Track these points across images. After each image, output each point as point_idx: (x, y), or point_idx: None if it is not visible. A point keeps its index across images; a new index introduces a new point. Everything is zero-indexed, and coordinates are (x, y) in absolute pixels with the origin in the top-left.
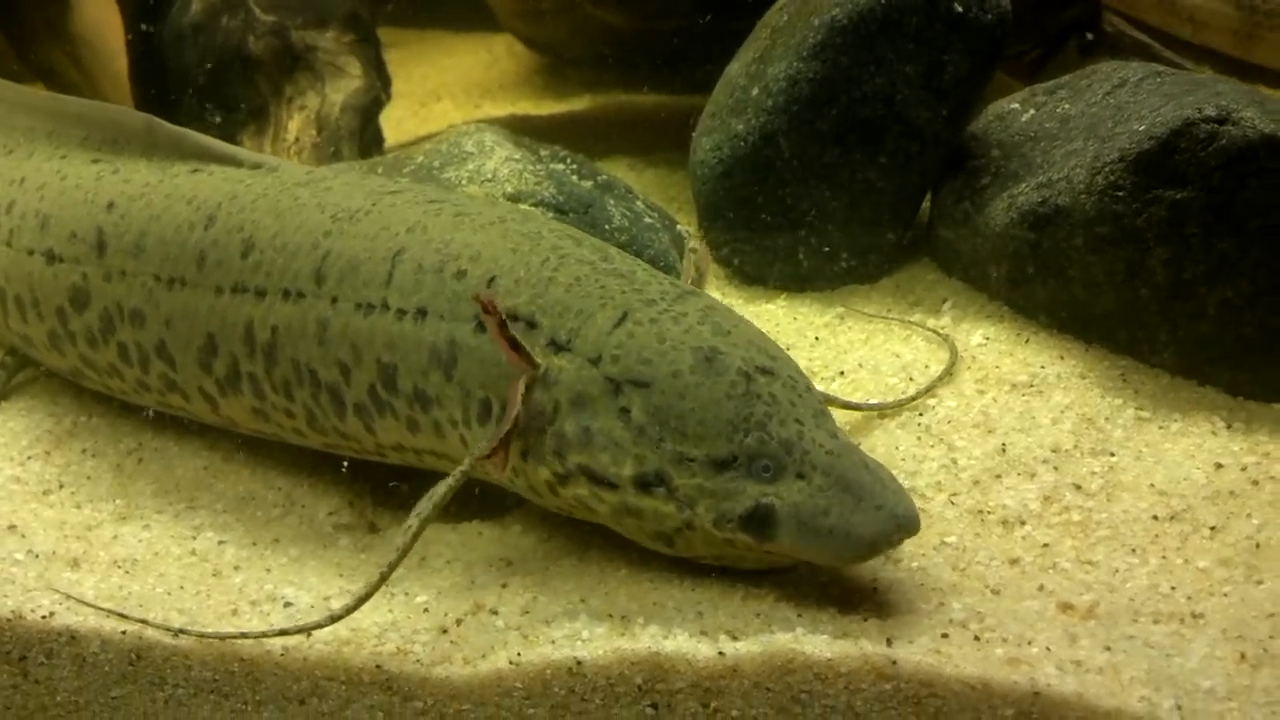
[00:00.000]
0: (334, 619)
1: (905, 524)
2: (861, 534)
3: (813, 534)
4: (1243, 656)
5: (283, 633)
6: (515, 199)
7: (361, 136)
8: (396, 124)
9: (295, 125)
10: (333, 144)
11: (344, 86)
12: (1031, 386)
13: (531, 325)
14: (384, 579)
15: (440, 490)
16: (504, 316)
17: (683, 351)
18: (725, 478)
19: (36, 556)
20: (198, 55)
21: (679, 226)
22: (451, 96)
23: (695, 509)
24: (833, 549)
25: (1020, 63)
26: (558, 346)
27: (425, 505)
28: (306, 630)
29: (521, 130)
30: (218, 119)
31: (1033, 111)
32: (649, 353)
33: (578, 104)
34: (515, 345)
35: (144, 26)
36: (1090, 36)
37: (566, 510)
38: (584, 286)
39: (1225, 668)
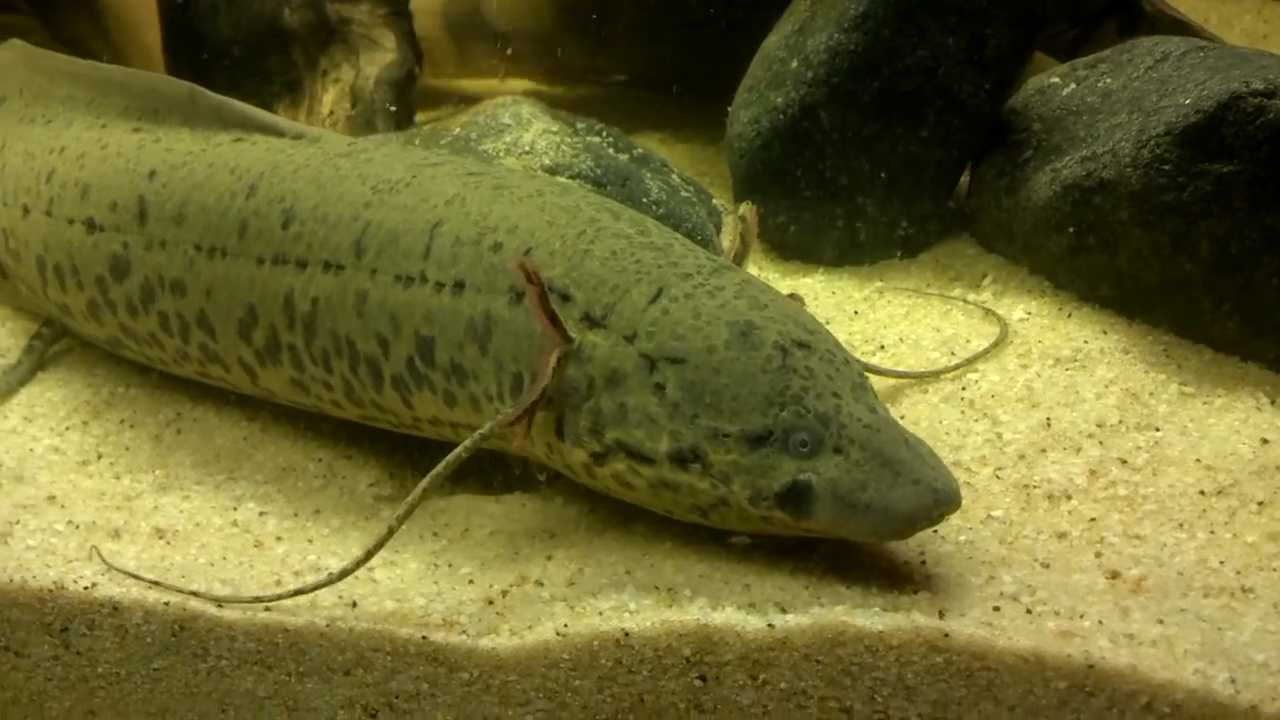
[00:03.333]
0: (340, 576)
1: (945, 499)
2: (900, 509)
3: (850, 510)
4: None
5: (298, 592)
6: (553, 171)
7: (395, 109)
8: (422, 96)
9: (330, 98)
10: (367, 117)
11: (378, 59)
12: (1075, 361)
13: (566, 298)
14: (390, 534)
15: (452, 455)
16: (545, 284)
17: (718, 326)
18: (761, 453)
19: (77, 527)
20: (232, 27)
21: (714, 200)
22: None
23: (731, 485)
24: (871, 525)
25: (1058, 41)
26: (592, 321)
27: (438, 468)
28: (309, 591)
29: (549, 105)
30: (252, 91)
31: (1073, 86)
32: (683, 328)
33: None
34: (553, 317)
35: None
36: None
37: (603, 490)
38: (620, 260)
39: (1278, 641)
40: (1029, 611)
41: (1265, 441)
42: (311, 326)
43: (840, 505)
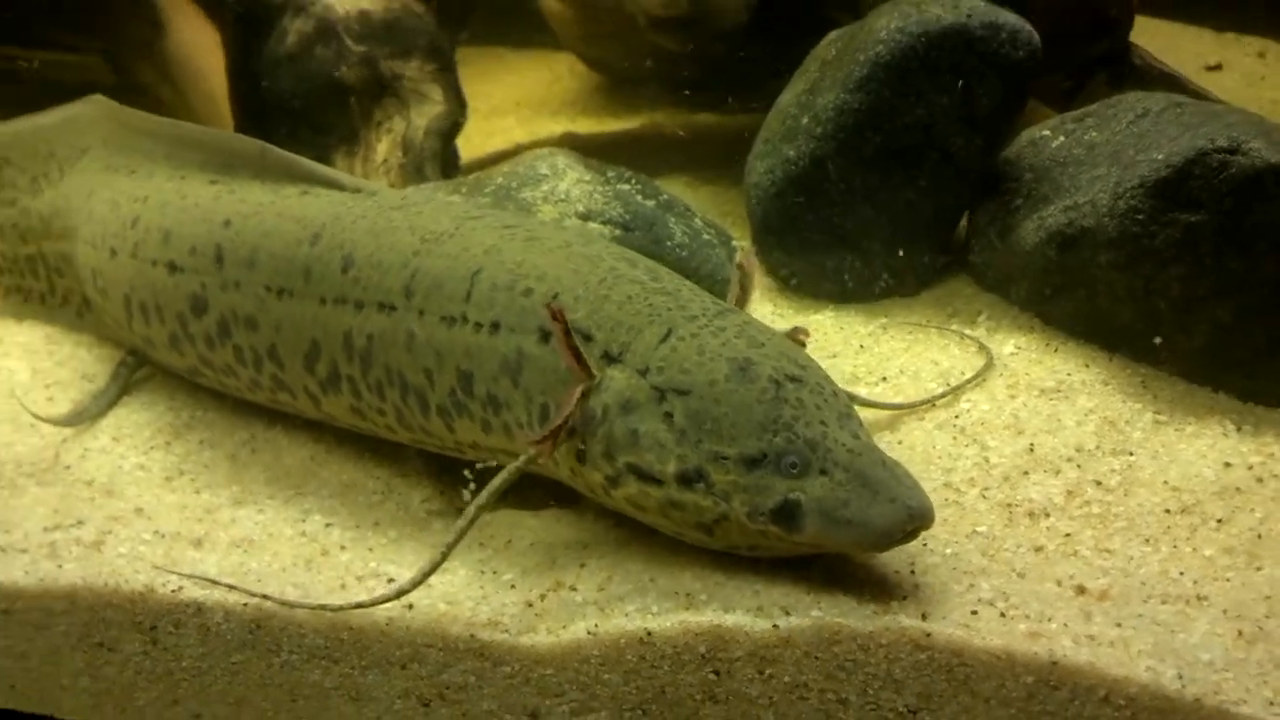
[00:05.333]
0: (401, 593)
1: (918, 515)
2: (877, 524)
3: (834, 524)
4: (1240, 633)
5: (358, 605)
6: (585, 217)
7: (442, 157)
8: (465, 139)
9: (383, 148)
10: (417, 164)
11: (427, 112)
12: (1058, 392)
13: (588, 338)
14: (444, 557)
15: (496, 481)
16: (569, 324)
17: (719, 362)
18: (756, 474)
19: (163, 537)
20: (294, 82)
21: (734, 242)
22: (516, 113)
23: (731, 502)
24: (853, 538)
25: (1054, 92)
26: (610, 358)
27: (483, 495)
28: (376, 604)
29: (582, 148)
30: (311, 141)
31: (1062, 138)
32: (689, 364)
33: (635, 122)
34: (577, 354)
35: (244, 56)
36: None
37: (619, 509)
38: (635, 304)
39: (1224, 643)
40: (1003, 615)
41: (1228, 465)
42: (367, 360)
43: (825, 520)
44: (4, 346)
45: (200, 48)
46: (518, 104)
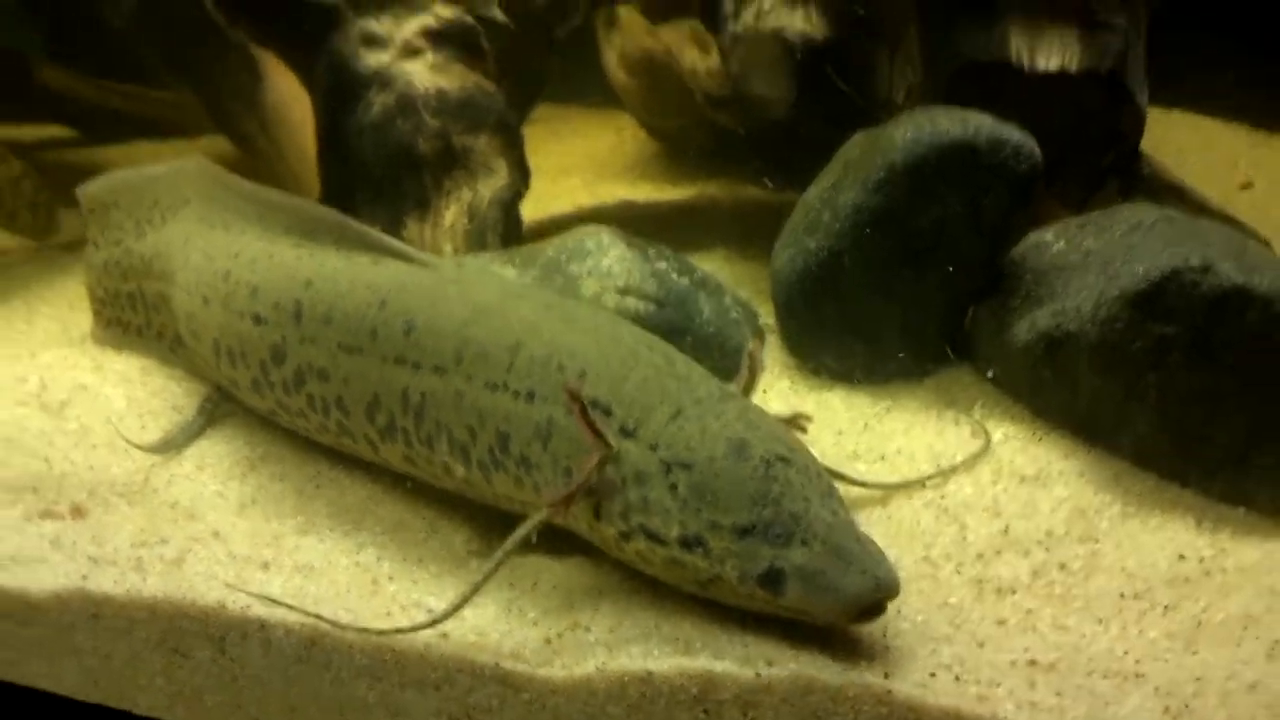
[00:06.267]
0: (434, 622)
1: (885, 585)
2: (849, 592)
3: (811, 590)
4: (1167, 709)
5: (398, 630)
6: (624, 291)
7: (504, 224)
8: (533, 198)
9: (451, 214)
10: (480, 231)
11: (492, 183)
12: (1037, 479)
13: (608, 413)
14: (473, 593)
15: (520, 531)
16: (585, 403)
17: (719, 441)
18: (746, 542)
19: (235, 558)
20: (375, 150)
21: (760, 320)
22: (580, 173)
23: (724, 566)
24: (826, 604)
25: (1069, 200)
26: (626, 432)
27: (508, 543)
28: (415, 630)
29: (638, 215)
30: (387, 204)
31: (1063, 243)
32: (693, 441)
33: (689, 191)
34: (592, 427)
35: (332, 123)
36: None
37: (629, 561)
38: (650, 385)
39: (1151, 716)
40: (957, 679)
41: (1182, 558)
42: (420, 415)
43: (805, 585)
44: (103, 374)
45: (296, 101)
46: (583, 166)
